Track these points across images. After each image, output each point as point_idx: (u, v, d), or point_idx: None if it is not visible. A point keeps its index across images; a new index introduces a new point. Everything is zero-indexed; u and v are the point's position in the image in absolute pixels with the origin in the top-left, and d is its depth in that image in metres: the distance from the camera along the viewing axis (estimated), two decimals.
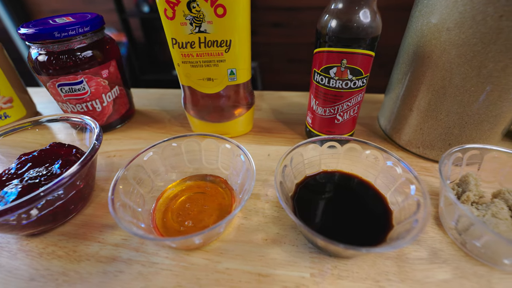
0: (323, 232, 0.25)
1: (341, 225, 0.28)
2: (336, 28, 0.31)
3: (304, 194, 0.30)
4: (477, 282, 0.26)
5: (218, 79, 0.36)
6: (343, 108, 0.36)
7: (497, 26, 0.28)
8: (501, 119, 0.33)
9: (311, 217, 0.28)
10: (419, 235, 0.22)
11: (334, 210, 0.29)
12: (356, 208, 0.30)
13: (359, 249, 0.21)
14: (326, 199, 0.30)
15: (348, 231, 0.28)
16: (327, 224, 0.28)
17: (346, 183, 0.32)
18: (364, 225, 0.28)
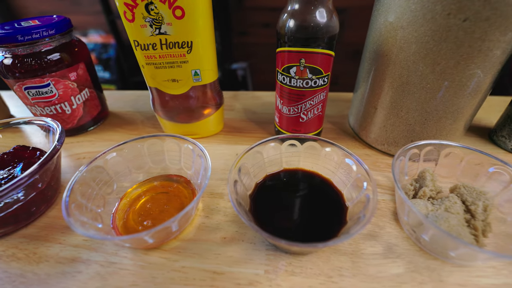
0: (277, 229, 0.26)
1: (297, 223, 0.29)
2: (293, 28, 0.31)
3: (263, 192, 0.31)
4: (429, 276, 0.26)
5: (182, 80, 0.37)
6: (306, 107, 0.36)
7: (446, 24, 0.28)
8: (460, 115, 0.34)
9: (268, 216, 0.29)
10: (360, 231, 0.22)
11: (290, 208, 0.30)
12: (312, 206, 0.30)
13: (299, 244, 0.21)
14: (284, 198, 0.31)
15: (303, 228, 0.28)
16: (282, 222, 0.28)
17: (305, 181, 0.32)
18: (319, 221, 0.28)
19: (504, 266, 0.27)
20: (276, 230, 0.27)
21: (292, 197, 0.31)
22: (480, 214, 0.29)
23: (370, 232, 0.30)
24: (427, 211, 0.29)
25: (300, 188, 0.32)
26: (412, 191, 0.31)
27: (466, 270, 0.27)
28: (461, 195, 0.30)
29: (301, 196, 0.31)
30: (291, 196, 0.31)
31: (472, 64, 0.30)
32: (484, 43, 0.28)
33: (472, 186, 0.31)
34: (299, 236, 0.27)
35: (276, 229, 0.28)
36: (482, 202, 0.29)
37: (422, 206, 0.29)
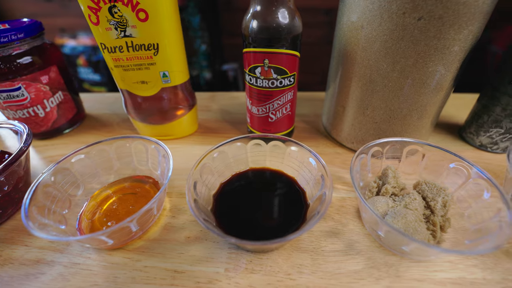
0: (238, 228, 0.26)
1: (258, 221, 0.29)
2: (256, 29, 0.32)
3: (227, 192, 0.31)
4: (386, 271, 0.27)
5: (151, 82, 0.37)
6: (274, 107, 0.37)
7: (402, 23, 0.29)
8: (424, 112, 0.34)
9: (230, 215, 0.29)
10: (309, 228, 0.23)
11: (252, 207, 0.30)
12: (275, 204, 0.30)
13: (249, 242, 0.22)
14: (247, 197, 0.31)
15: (263, 227, 0.28)
16: (243, 220, 0.29)
17: (270, 180, 0.33)
18: (280, 220, 0.29)
19: (461, 261, 0.27)
20: (236, 229, 0.28)
21: (256, 196, 0.31)
22: (439, 209, 0.29)
23: (333, 230, 0.30)
24: (387, 208, 0.29)
25: (264, 187, 0.32)
26: (376, 188, 0.32)
27: (424, 265, 0.27)
28: (422, 191, 0.31)
29: (264, 195, 0.31)
30: (255, 195, 0.31)
31: (430, 62, 0.30)
32: (440, 41, 0.29)
33: (433, 182, 0.31)
34: (260, 234, 0.28)
35: (237, 227, 0.28)
36: (441, 198, 0.29)
37: (383, 203, 0.30)
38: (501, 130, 0.38)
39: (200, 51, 1.53)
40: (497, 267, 0.27)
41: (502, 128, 0.38)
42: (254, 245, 0.25)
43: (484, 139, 0.40)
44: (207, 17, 1.46)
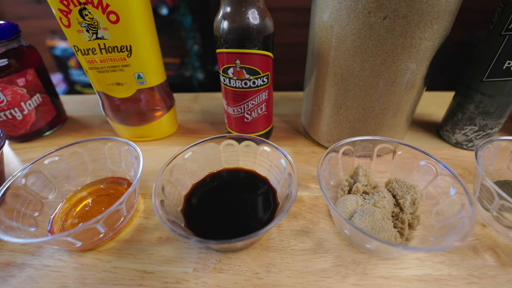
0: (207, 228, 0.26)
1: (228, 221, 0.29)
2: (226, 30, 0.32)
3: (198, 192, 0.31)
4: (354, 269, 0.27)
5: (127, 84, 0.37)
6: (249, 107, 0.37)
7: (368, 22, 0.29)
8: (397, 110, 0.35)
9: (201, 215, 0.29)
10: (271, 227, 0.23)
11: (223, 207, 0.30)
12: (246, 204, 0.30)
13: (210, 242, 0.22)
14: (218, 197, 0.31)
15: (233, 227, 0.29)
16: (213, 221, 0.29)
17: (242, 180, 0.33)
18: (250, 219, 0.29)
19: (428, 258, 0.28)
20: (205, 229, 0.28)
21: (227, 196, 0.31)
22: (408, 207, 0.29)
23: (304, 229, 0.31)
24: (357, 206, 0.30)
25: (236, 187, 0.32)
26: (347, 186, 0.32)
27: (392, 263, 0.27)
28: (393, 189, 0.31)
29: (235, 194, 0.31)
30: (226, 195, 0.31)
31: (399, 60, 0.30)
32: (406, 40, 0.29)
33: (403, 180, 0.31)
34: (228, 234, 0.28)
35: (206, 227, 0.28)
36: (410, 196, 0.30)
37: (353, 201, 0.30)
38: (475, 127, 0.38)
39: (192, 52, 1.53)
40: (464, 263, 0.27)
41: (476, 125, 0.38)
42: (216, 245, 0.25)
43: (460, 136, 0.40)
44: (199, 17, 1.46)
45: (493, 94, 0.35)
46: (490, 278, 0.26)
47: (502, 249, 0.29)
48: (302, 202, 0.33)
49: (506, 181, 0.34)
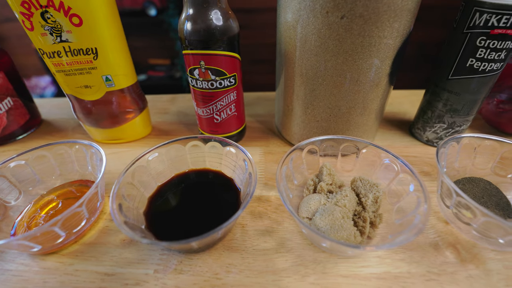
0: (169, 230, 0.26)
1: (190, 222, 0.29)
2: (189, 31, 0.32)
3: (163, 193, 0.31)
4: (313, 268, 0.27)
5: (95, 86, 0.37)
6: (217, 108, 0.37)
7: (327, 22, 0.29)
8: (364, 109, 0.35)
9: (163, 216, 0.29)
10: (226, 225, 0.23)
11: (186, 208, 0.30)
12: (210, 205, 0.30)
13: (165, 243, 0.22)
14: (183, 198, 0.31)
15: (195, 227, 0.29)
16: (175, 222, 0.29)
17: (208, 181, 0.33)
18: (213, 220, 0.29)
19: (389, 255, 0.28)
20: (167, 230, 0.28)
21: (191, 197, 0.31)
22: (370, 205, 0.29)
23: (268, 228, 0.31)
24: (319, 205, 0.30)
25: (202, 188, 0.32)
26: (312, 186, 0.32)
27: (352, 261, 0.27)
28: (356, 188, 0.31)
29: (200, 195, 0.31)
30: (190, 197, 0.31)
31: (359, 59, 0.30)
32: (365, 39, 0.29)
33: (367, 179, 0.31)
34: (190, 235, 0.28)
35: (167, 229, 0.28)
36: (372, 194, 0.30)
37: (316, 200, 0.30)
38: (444, 125, 0.38)
39: (181, 53, 1.53)
40: (424, 260, 0.27)
41: (444, 123, 0.38)
42: (169, 246, 0.25)
43: (430, 134, 0.40)
44: None
45: (458, 92, 0.35)
46: (448, 274, 0.26)
47: (463, 246, 0.29)
48: (268, 202, 0.33)
49: (472, 178, 0.34)
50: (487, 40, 0.31)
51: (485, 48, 0.32)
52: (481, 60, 0.33)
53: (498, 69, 0.33)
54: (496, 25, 0.30)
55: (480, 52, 0.32)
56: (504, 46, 0.31)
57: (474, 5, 0.31)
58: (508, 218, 0.30)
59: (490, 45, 0.32)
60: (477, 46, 0.32)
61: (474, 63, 0.33)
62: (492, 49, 0.32)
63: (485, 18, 0.31)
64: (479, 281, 0.26)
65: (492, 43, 0.31)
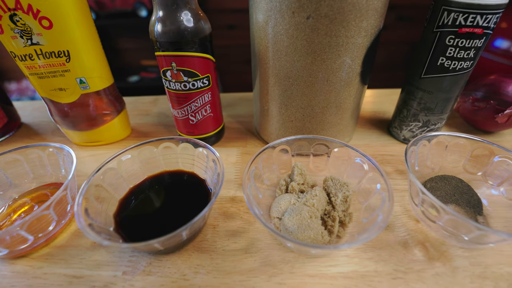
0: (140, 231, 0.26)
1: (161, 222, 0.29)
2: (159, 33, 0.32)
3: (135, 195, 0.31)
4: (281, 268, 0.27)
5: (69, 89, 0.37)
6: (192, 109, 0.37)
7: (294, 22, 0.29)
8: (337, 108, 0.35)
9: (134, 219, 0.29)
10: (191, 224, 0.23)
11: (158, 209, 0.30)
12: (181, 206, 0.30)
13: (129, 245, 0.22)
14: (154, 199, 0.31)
15: (165, 228, 0.29)
16: (146, 224, 0.29)
17: (180, 182, 0.33)
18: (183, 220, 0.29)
19: (357, 254, 0.28)
20: (136, 232, 0.28)
21: (162, 199, 0.31)
22: (339, 205, 0.29)
23: (239, 229, 0.31)
24: (289, 205, 0.30)
25: (173, 189, 0.32)
26: (284, 185, 0.32)
27: (320, 260, 0.28)
28: (328, 187, 0.31)
29: (172, 197, 0.31)
30: (162, 198, 0.31)
31: (328, 59, 0.31)
32: (332, 39, 0.29)
33: (338, 178, 0.31)
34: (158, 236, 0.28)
35: (137, 230, 0.28)
36: (342, 193, 0.30)
37: (287, 200, 0.30)
38: (419, 123, 0.39)
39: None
40: (392, 258, 0.28)
41: (419, 121, 0.38)
42: (132, 247, 0.25)
43: (406, 133, 0.41)
44: None
45: (431, 90, 0.36)
46: (415, 272, 0.27)
47: (432, 244, 0.29)
48: (241, 203, 0.33)
49: (444, 176, 0.34)
50: (456, 38, 0.32)
51: (454, 46, 0.32)
52: (451, 58, 0.33)
53: (469, 67, 0.33)
54: (463, 24, 0.31)
55: (449, 51, 0.33)
56: (472, 45, 0.32)
57: (442, 4, 0.31)
58: (478, 216, 0.31)
59: (459, 43, 0.32)
60: (446, 45, 0.32)
61: (445, 61, 0.33)
62: (461, 47, 0.32)
63: (452, 17, 0.31)
64: (445, 278, 0.26)
65: (461, 41, 0.32)
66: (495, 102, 0.39)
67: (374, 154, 0.40)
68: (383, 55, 1.71)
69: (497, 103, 0.38)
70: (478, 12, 0.29)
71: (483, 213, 0.31)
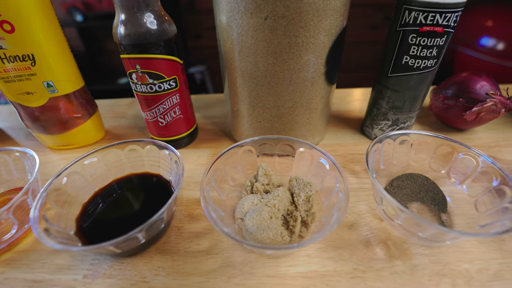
0: (103, 234, 0.26)
1: (124, 225, 0.29)
2: (122, 36, 0.32)
3: (98, 199, 0.31)
4: (241, 269, 0.27)
5: (37, 92, 0.37)
6: (160, 111, 0.37)
7: (253, 23, 0.29)
8: (303, 109, 0.35)
9: (96, 222, 0.29)
10: (150, 222, 0.23)
11: (121, 212, 0.30)
12: (144, 208, 0.30)
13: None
14: (118, 202, 0.31)
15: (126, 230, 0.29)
16: (108, 226, 0.29)
17: (146, 184, 0.33)
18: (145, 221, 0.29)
19: (318, 254, 0.28)
20: (97, 235, 0.28)
21: (126, 201, 0.31)
22: (302, 205, 0.30)
23: (204, 230, 0.31)
24: (252, 205, 0.30)
25: (138, 192, 0.32)
26: (249, 186, 0.32)
27: (281, 261, 0.28)
28: (292, 187, 0.31)
29: (136, 200, 0.31)
30: (126, 201, 0.31)
31: (289, 60, 0.31)
32: (292, 39, 0.29)
33: (302, 178, 0.32)
34: None
35: (98, 233, 0.28)
36: (304, 193, 0.30)
37: (250, 201, 0.30)
38: (389, 122, 0.39)
39: None
40: (352, 257, 0.28)
41: (389, 120, 0.39)
42: (86, 250, 0.25)
43: (377, 131, 0.41)
44: None
45: (398, 89, 0.36)
46: (374, 271, 0.27)
47: (394, 242, 0.29)
48: None
49: (411, 174, 0.34)
50: (418, 37, 0.32)
51: (417, 45, 0.32)
52: (414, 57, 0.33)
53: (433, 66, 0.34)
54: (424, 22, 0.31)
55: (413, 49, 0.33)
56: (434, 43, 0.32)
57: (403, 3, 0.31)
58: (442, 213, 0.31)
59: (421, 42, 0.32)
60: (409, 43, 0.33)
61: (409, 60, 0.33)
62: (424, 46, 0.32)
63: (413, 16, 0.31)
64: (404, 276, 0.26)
65: (423, 40, 0.32)
66: (464, 100, 0.39)
67: (345, 153, 0.40)
68: (370, 55, 1.71)
69: (466, 101, 0.39)
70: (437, 10, 0.30)
71: (447, 211, 0.31)
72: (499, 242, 0.29)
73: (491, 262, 0.27)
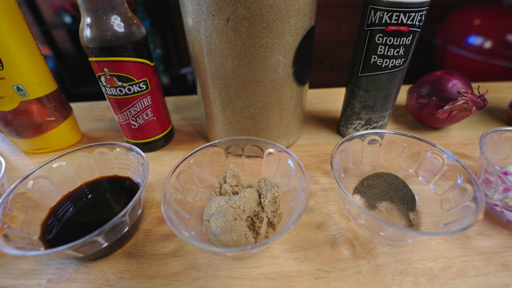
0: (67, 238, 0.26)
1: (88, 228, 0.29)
2: (88, 39, 0.31)
3: (66, 204, 0.31)
4: (205, 271, 0.27)
5: (7, 96, 0.37)
6: (132, 114, 0.37)
7: (216, 25, 0.29)
8: (274, 110, 0.35)
9: (62, 226, 0.29)
10: (111, 223, 0.23)
11: (87, 215, 0.30)
12: (113, 211, 0.30)
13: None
14: (85, 206, 0.31)
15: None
16: (74, 230, 0.29)
17: (115, 187, 0.33)
18: None
19: (282, 255, 0.28)
20: (63, 239, 0.28)
21: (93, 205, 0.31)
22: (268, 205, 0.30)
23: (171, 233, 0.31)
24: (219, 207, 0.30)
25: (106, 195, 0.32)
26: (218, 188, 0.32)
27: (246, 262, 0.28)
28: (260, 188, 0.31)
29: (105, 203, 0.31)
30: (92, 205, 0.31)
31: (255, 61, 0.31)
32: (256, 40, 0.29)
33: (270, 179, 0.32)
34: None
35: (63, 238, 0.28)
36: (271, 194, 0.30)
37: (217, 202, 0.30)
38: (362, 122, 0.39)
39: (154, 56, 1.52)
40: (317, 258, 0.28)
41: (362, 120, 0.39)
42: (44, 254, 0.25)
43: (352, 131, 0.41)
44: (158, 21, 1.46)
45: (369, 88, 0.36)
46: (338, 271, 0.27)
47: (360, 242, 0.29)
48: None
49: (381, 173, 0.34)
50: (384, 37, 0.32)
51: (384, 45, 0.32)
52: (382, 56, 0.33)
53: (401, 65, 0.34)
54: (389, 22, 0.31)
55: (380, 49, 0.33)
56: (401, 43, 0.32)
57: (369, 3, 0.31)
58: (410, 212, 0.31)
59: (388, 41, 0.32)
60: (376, 43, 0.33)
61: (377, 59, 0.33)
62: (390, 45, 0.32)
63: (379, 15, 0.31)
64: (367, 276, 0.26)
65: (389, 39, 0.32)
66: (436, 98, 0.39)
67: (319, 153, 0.40)
68: None
69: (438, 99, 0.39)
70: (402, 10, 0.30)
71: (416, 209, 0.31)
72: (464, 240, 0.29)
73: (455, 260, 0.27)
